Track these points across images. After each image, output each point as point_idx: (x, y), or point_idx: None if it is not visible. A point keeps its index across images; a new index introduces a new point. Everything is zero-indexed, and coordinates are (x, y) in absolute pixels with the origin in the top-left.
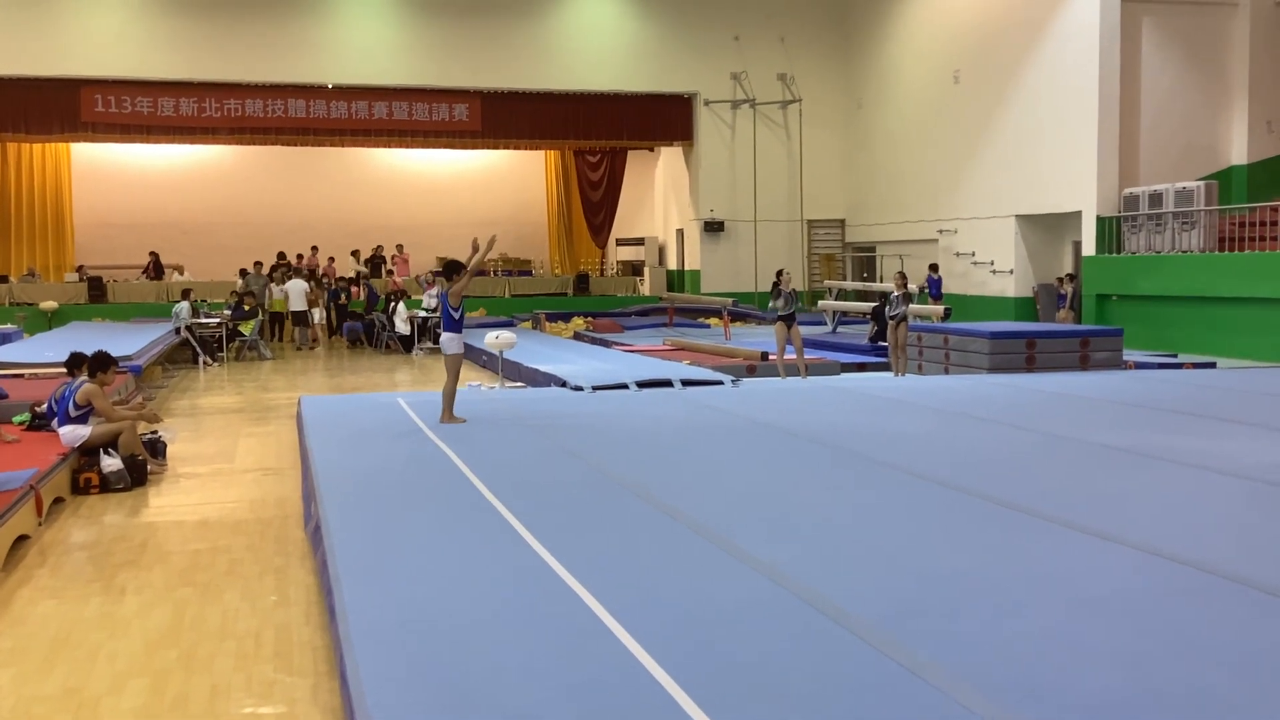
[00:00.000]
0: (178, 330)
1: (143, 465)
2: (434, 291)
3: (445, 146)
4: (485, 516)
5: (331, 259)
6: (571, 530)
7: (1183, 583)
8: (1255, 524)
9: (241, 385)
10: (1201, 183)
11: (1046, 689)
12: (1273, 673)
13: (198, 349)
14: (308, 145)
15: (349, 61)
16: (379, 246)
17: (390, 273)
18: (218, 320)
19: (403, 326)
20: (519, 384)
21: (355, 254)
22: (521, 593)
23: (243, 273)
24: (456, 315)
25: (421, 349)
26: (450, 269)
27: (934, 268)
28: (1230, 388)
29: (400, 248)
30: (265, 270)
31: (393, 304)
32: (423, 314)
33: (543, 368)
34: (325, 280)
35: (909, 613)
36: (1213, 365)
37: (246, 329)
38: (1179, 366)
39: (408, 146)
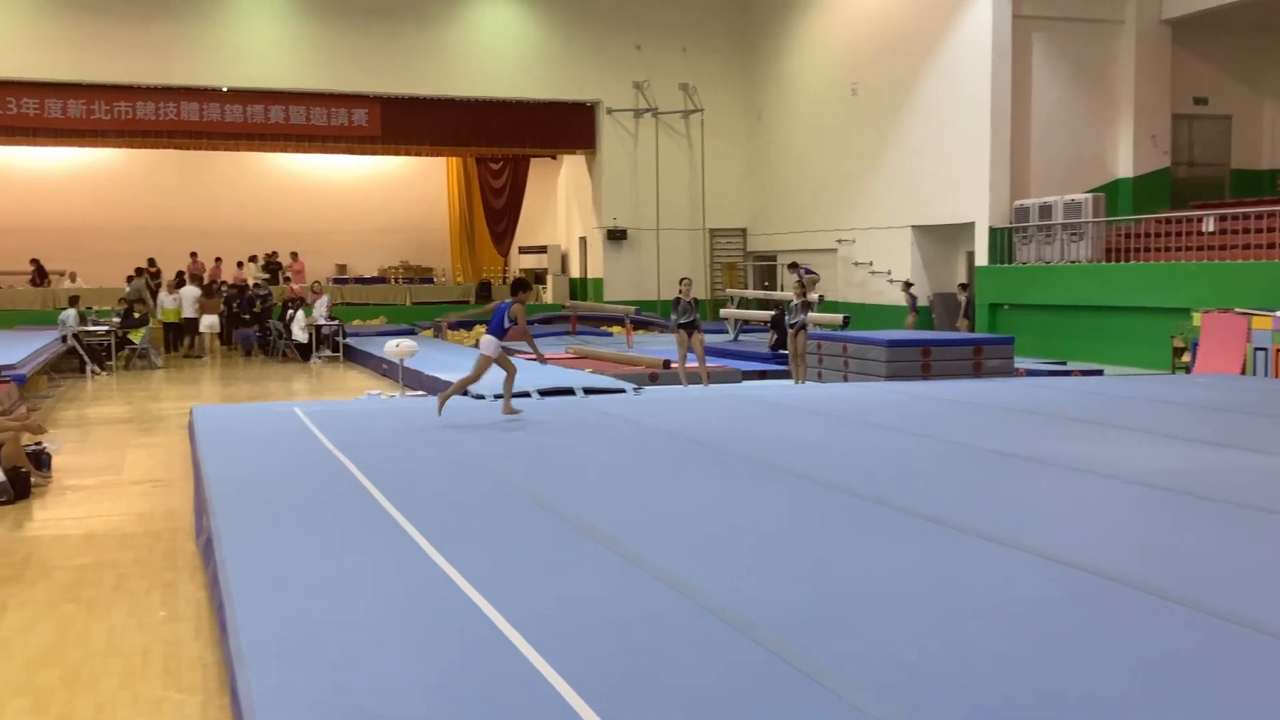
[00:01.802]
0: (64, 338)
1: (26, 478)
2: (325, 300)
3: (345, 152)
4: (383, 528)
5: (218, 260)
6: (472, 540)
7: (1077, 587)
8: (1146, 528)
9: (131, 395)
10: (1089, 195)
11: (945, 695)
12: (1166, 676)
13: (85, 358)
14: (202, 149)
15: (244, 65)
16: (273, 252)
17: (287, 279)
18: (106, 328)
19: (300, 334)
20: (420, 392)
21: (252, 260)
22: (420, 605)
23: (129, 279)
24: (506, 327)
25: (320, 357)
26: (519, 286)
27: (793, 266)
28: (1117, 394)
29: (295, 255)
30: (145, 277)
31: (290, 311)
32: (321, 322)
33: (444, 376)
34: (221, 286)
35: (810, 620)
36: (1100, 373)
37: (136, 337)
38: (1068, 374)
39: (306, 152)
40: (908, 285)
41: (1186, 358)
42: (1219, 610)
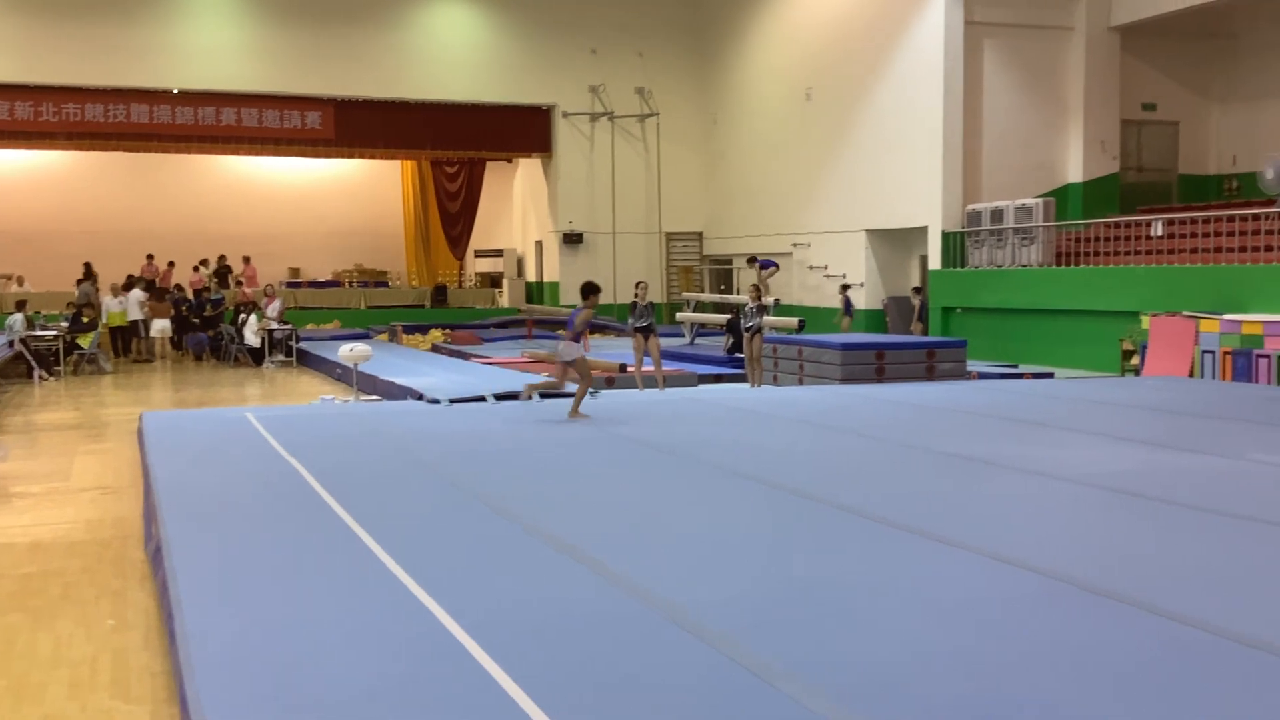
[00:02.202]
0: (11, 343)
1: None
2: (277, 304)
3: (297, 155)
4: (336, 534)
5: (171, 264)
6: (426, 545)
7: (1027, 588)
8: (1096, 530)
9: (79, 400)
10: (1040, 200)
11: (896, 695)
12: (1116, 676)
13: (33, 363)
14: (152, 151)
15: (195, 66)
16: (222, 256)
17: (239, 283)
18: (54, 333)
19: (253, 339)
20: (374, 397)
21: (203, 264)
22: (372, 611)
23: (79, 283)
24: (576, 330)
25: (272, 362)
26: (589, 289)
27: (752, 260)
28: (1067, 397)
29: (247, 260)
30: (91, 281)
31: (242, 316)
32: (273, 326)
33: (399, 380)
34: (175, 291)
35: (763, 621)
36: (1051, 375)
37: (85, 341)
38: (1019, 377)
39: (258, 154)
40: (844, 288)
41: (1136, 360)
42: (1168, 610)
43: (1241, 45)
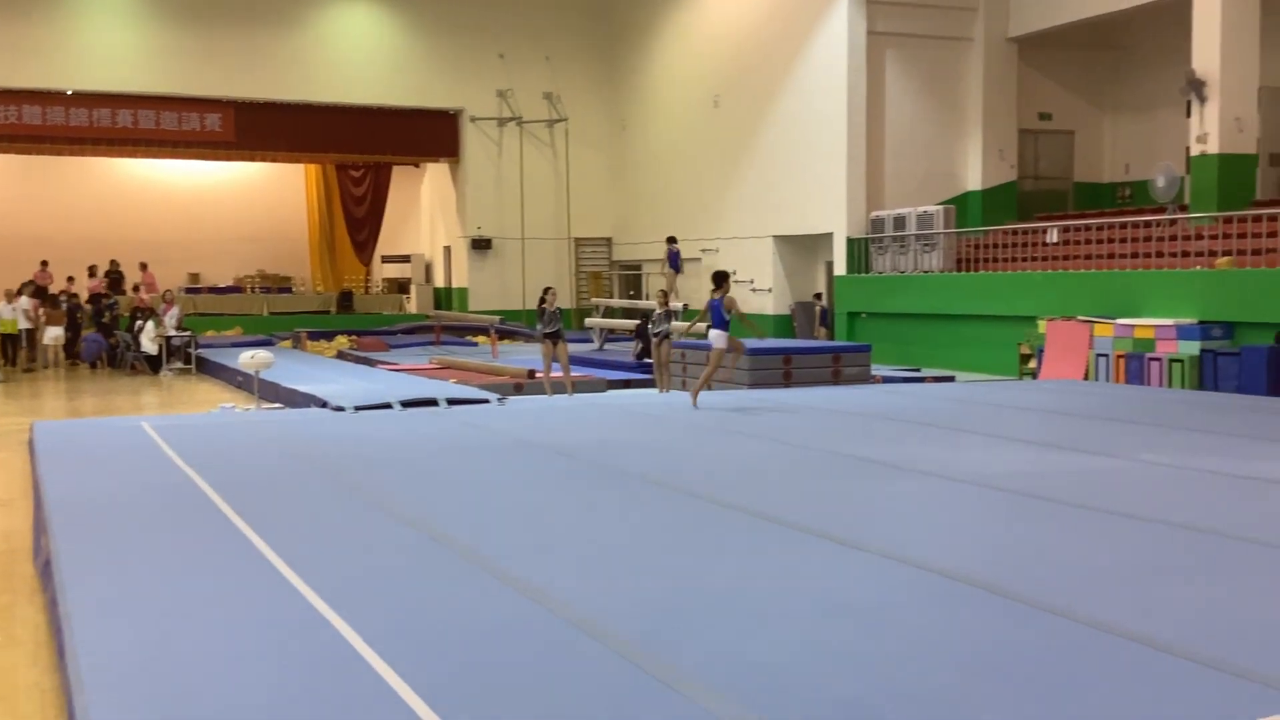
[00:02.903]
0: None
1: None
2: (176, 310)
3: (197, 158)
4: (233, 545)
5: (70, 278)
6: (326, 556)
7: (928, 588)
8: (991, 529)
9: None
10: (941, 207)
11: (796, 695)
12: (1008, 672)
13: None
14: (45, 154)
15: (90, 67)
16: (114, 261)
17: (136, 289)
18: None
19: (150, 346)
20: (276, 405)
21: (91, 270)
22: (269, 624)
23: None
24: (726, 318)
25: (170, 369)
26: (720, 277)
27: (672, 240)
28: (967, 399)
29: (144, 266)
30: None
31: (139, 323)
32: (172, 333)
33: (302, 388)
34: (70, 297)
35: (666, 626)
36: (952, 379)
37: None
38: (921, 380)
39: (156, 157)
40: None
41: (1033, 364)
42: (1058, 607)
43: (1133, 57)
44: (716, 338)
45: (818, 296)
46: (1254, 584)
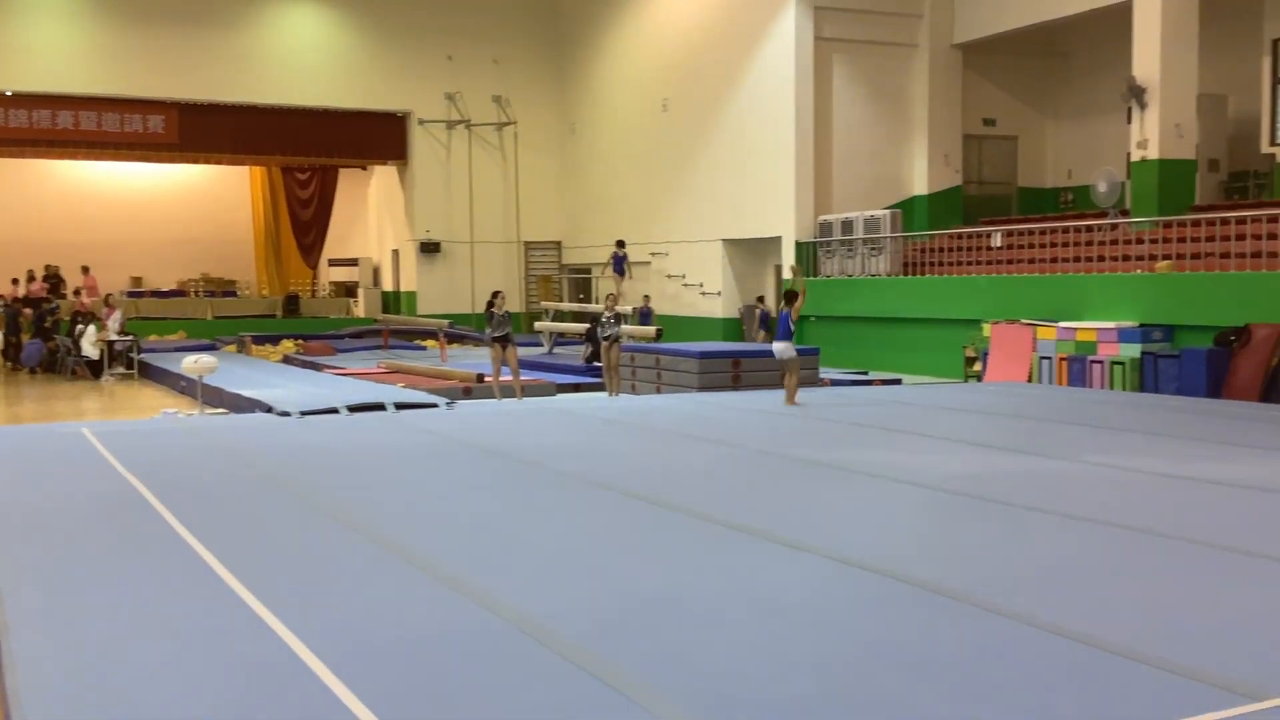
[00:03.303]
0: None
1: None
2: (118, 314)
3: (139, 160)
4: (176, 553)
5: (16, 281)
6: (270, 563)
7: (871, 589)
8: (937, 531)
9: None
10: (887, 211)
11: (741, 698)
12: (951, 673)
13: None
14: None
15: (30, 67)
16: (51, 266)
17: (78, 293)
18: None
19: (91, 351)
20: (220, 410)
21: (30, 274)
22: (212, 631)
23: None
24: (793, 328)
25: (112, 374)
26: (790, 296)
27: (620, 244)
28: (913, 402)
29: (86, 269)
30: None
31: (80, 327)
32: (113, 337)
33: (247, 393)
34: (10, 302)
35: (613, 631)
36: (898, 381)
37: None
38: (869, 383)
39: (97, 159)
40: (645, 298)
41: (978, 366)
42: (1001, 607)
43: (1075, 63)
44: (783, 349)
45: (760, 300)
46: (1194, 583)
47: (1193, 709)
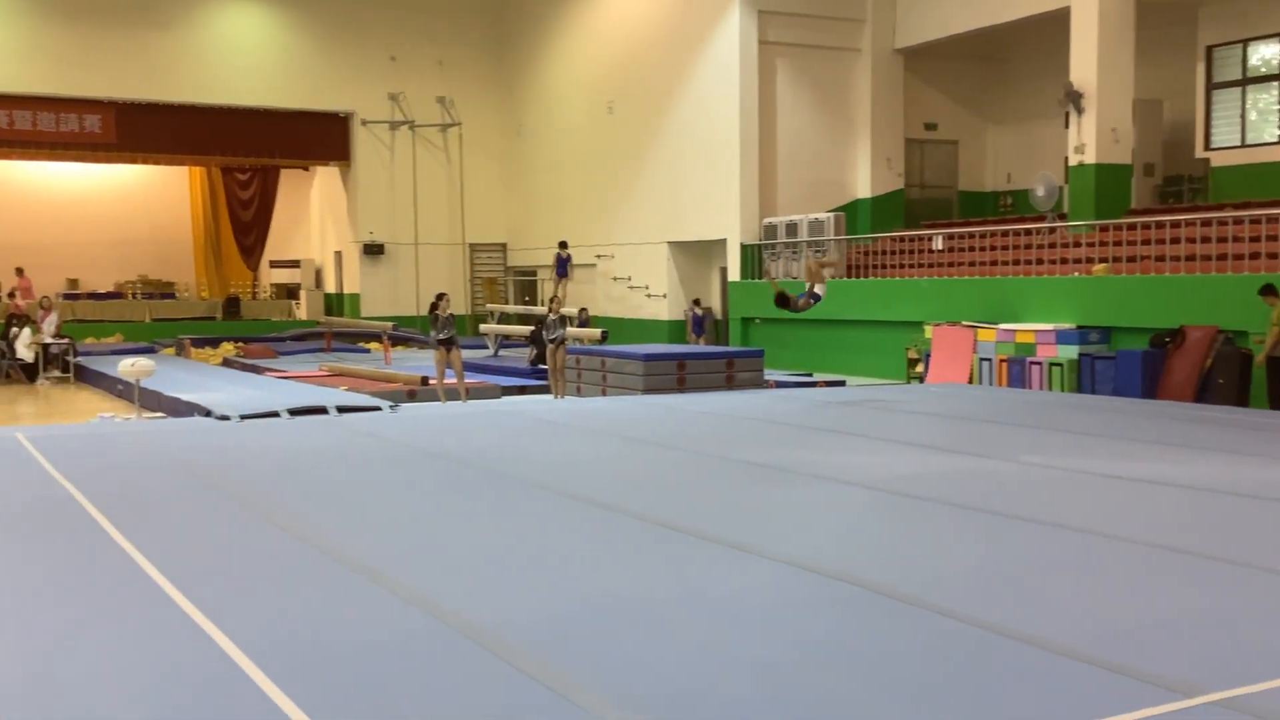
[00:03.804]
0: None
1: None
2: (54, 317)
3: (75, 159)
4: (113, 560)
5: None
6: (209, 570)
7: (816, 591)
8: (879, 532)
9: None
10: (831, 214)
11: (688, 702)
12: (895, 673)
13: None
14: None
15: None
16: None
17: (12, 295)
18: None
19: (26, 354)
20: (158, 414)
21: None
22: (150, 640)
23: None
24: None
25: (47, 378)
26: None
27: (563, 245)
28: (857, 404)
29: (20, 271)
30: None
31: (14, 329)
32: (49, 340)
33: (185, 396)
34: None
35: (560, 635)
36: (843, 383)
37: None
38: (814, 385)
39: (32, 159)
40: (582, 310)
41: (920, 368)
42: (943, 607)
43: (1014, 69)
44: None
45: (695, 302)
46: (1130, 582)
47: (1129, 706)
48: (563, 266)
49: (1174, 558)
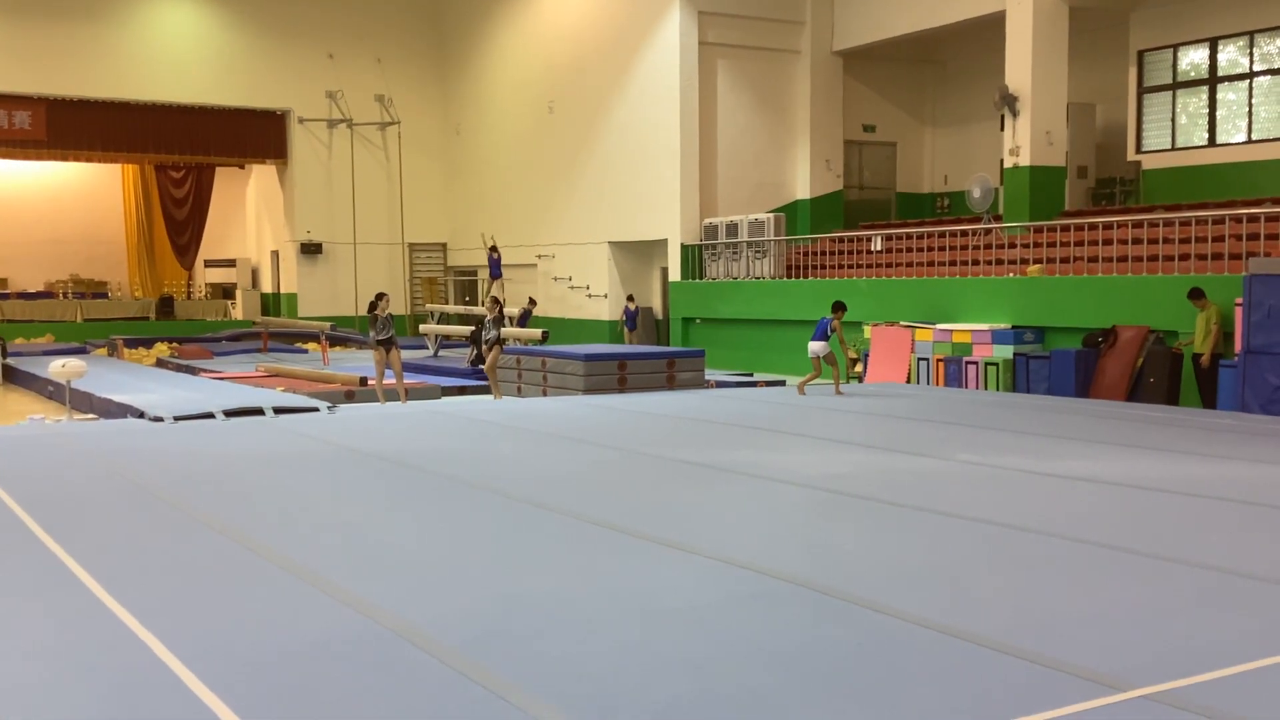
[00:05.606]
0: None
1: None
2: None
3: (4, 157)
4: (42, 564)
5: None
6: (141, 573)
7: (749, 589)
8: (813, 529)
9: None
10: (771, 215)
11: (621, 701)
12: (827, 670)
13: None
14: None
15: None
16: None
17: None
18: None
19: None
20: (90, 416)
21: None
22: (79, 643)
23: None
24: (828, 335)
25: None
26: (838, 306)
27: (493, 247)
28: (796, 403)
29: None
30: None
31: None
32: None
33: (118, 398)
34: None
35: (494, 635)
36: (782, 383)
37: None
38: (754, 385)
39: None
40: (530, 300)
41: (859, 368)
42: (876, 603)
43: (951, 72)
44: (817, 348)
45: (630, 298)
46: (1060, 577)
47: (1060, 701)
48: (495, 267)
49: (1105, 553)
